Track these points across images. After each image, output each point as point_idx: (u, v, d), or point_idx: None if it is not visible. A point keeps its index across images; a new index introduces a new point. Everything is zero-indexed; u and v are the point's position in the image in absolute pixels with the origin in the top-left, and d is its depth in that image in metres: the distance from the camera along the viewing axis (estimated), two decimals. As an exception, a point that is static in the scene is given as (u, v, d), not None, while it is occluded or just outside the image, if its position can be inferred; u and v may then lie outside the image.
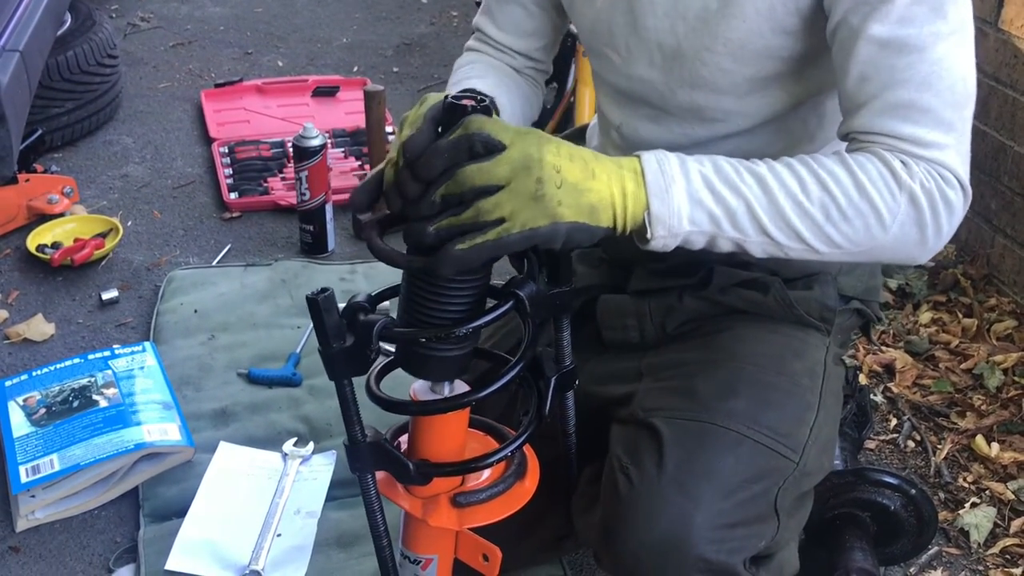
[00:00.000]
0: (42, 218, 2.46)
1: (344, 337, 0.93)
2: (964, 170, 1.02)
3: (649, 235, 0.95)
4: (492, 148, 0.88)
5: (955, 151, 1.00)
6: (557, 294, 1.01)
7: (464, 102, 0.90)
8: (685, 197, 0.94)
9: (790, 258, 1.02)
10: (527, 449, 1.09)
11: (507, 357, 1.06)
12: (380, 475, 1.05)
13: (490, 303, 0.98)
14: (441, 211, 0.89)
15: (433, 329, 0.95)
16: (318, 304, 0.91)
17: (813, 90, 1.15)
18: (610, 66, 1.23)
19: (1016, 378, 2.05)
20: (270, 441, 1.83)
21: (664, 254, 1.00)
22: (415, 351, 0.98)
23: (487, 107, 0.91)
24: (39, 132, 2.55)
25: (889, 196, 0.97)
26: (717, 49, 1.10)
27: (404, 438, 1.09)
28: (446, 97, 0.92)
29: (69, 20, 2.87)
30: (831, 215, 0.97)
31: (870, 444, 1.93)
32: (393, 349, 1.02)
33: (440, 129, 0.91)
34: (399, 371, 1.04)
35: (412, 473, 1.00)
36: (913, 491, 1.53)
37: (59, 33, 2.71)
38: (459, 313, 0.95)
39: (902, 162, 0.98)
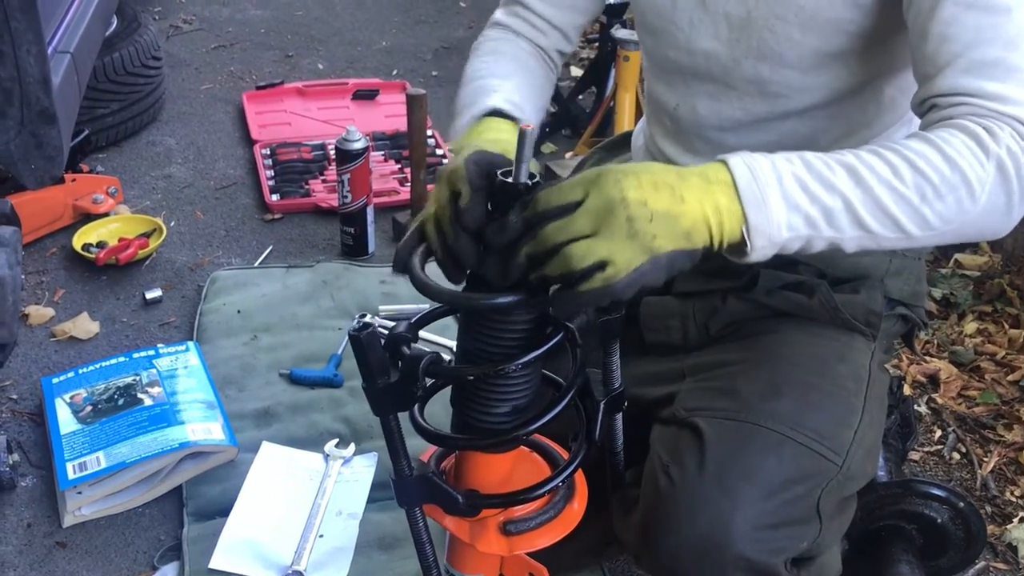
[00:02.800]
0: (87, 218, 2.49)
1: (388, 372, 0.90)
2: None
3: (748, 248, 0.90)
4: (567, 212, 0.85)
5: None
6: (606, 322, 0.99)
7: (515, 178, 0.87)
8: (781, 202, 0.90)
9: (881, 248, 0.98)
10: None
11: (557, 380, 1.03)
12: None
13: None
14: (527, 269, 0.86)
15: (483, 367, 0.93)
16: (361, 341, 0.87)
17: (875, 73, 1.14)
18: (669, 43, 1.22)
19: (1065, 391, 2.02)
20: (312, 442, 1.84)
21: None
22: (467, 422, 0.97)
23: (539, 184, 0.88)
24: (85, 132, 2.59)
25: (978, 166, 0.93)
26: (788, 18, 1.09)
27: (450, 460, 1.07)
28: (496, 173, 0.89)
29: (115, 22, 2.91)
30: (926, 196, 0.93)
31: (914, 456, 1.91)
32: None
33: (490, 205, 0.89)
34: (443, 394, 1.02)
35: (461, 506, 0.98)
36: (962, 504, 1.50)
37: (105, 35, 2.74)
38: (510, 350, 0.92)
39: (985, 128, 0.94)
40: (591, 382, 1.03)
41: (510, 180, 0.87)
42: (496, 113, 1.12)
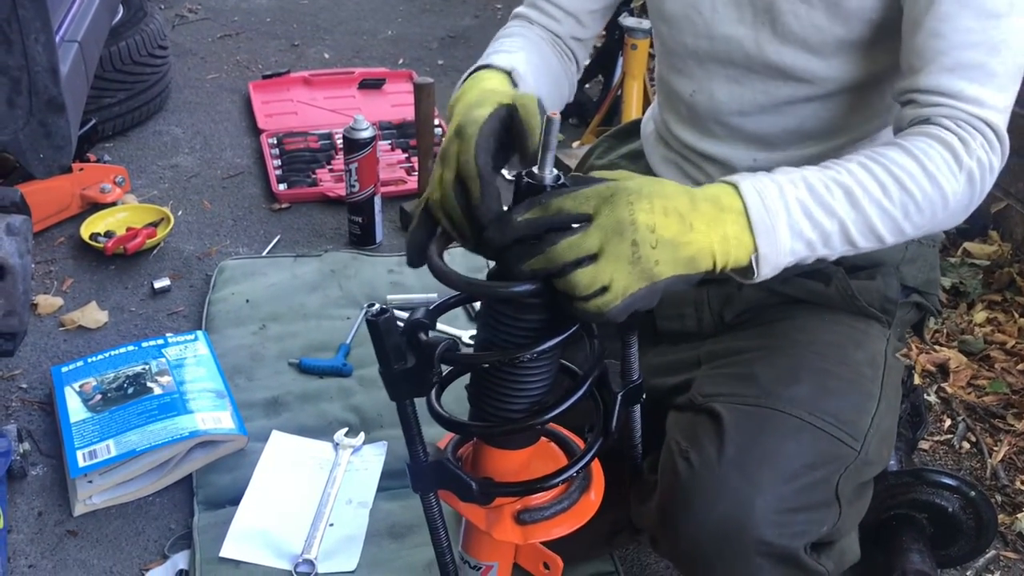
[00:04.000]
0: (95, 207, 2.49)
1: (405, 358, 0.90)
2: (1006, 135, 1.04)
3: (756, 275, 0.93)
4: (576, 222, 0.85)
5: (1005, 117, 1.04)
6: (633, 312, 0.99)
7: (541, 176, 0.87)
8: (787, 231, 0.93)
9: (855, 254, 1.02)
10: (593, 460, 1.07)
11: (573, 368, 1.03)
12: None
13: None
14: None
15: (498, 353, 0.93)
16: (378, 326, 0.88)
17: (895, 63, 1.14)
18: (688, 29, 1.22)
19: (1075, 380, 2.02)
20: (321, 431, 1.84)
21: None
22: (487, 413, 0.96)
23: (564, 185, 0.88)
24: (93, 122, 2.58)
25: (953, 179, 0.99)
26: (814, 3, 1.10)
27: (467, 448, 1.06)
28: (519, 174, 0.89)
29: (121, 11, 2.90)
30: (909, 212, 0.98)
31: (924, 445, 1.91)
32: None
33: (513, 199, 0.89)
34: (460, 381, 1.02)
35: (475, 493, 0.98)
36: (972, 493, 1.50)
37: (112, 24, 2.74)
38: (528, 339, 0.92)
39: (960, 139, 1.00)
40: (609, 373, 1.03)
41: (535, 179, 0.87)
42: (488, 68, 1.11)
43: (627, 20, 2.78)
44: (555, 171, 0.88)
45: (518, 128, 0.92)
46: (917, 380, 2.04)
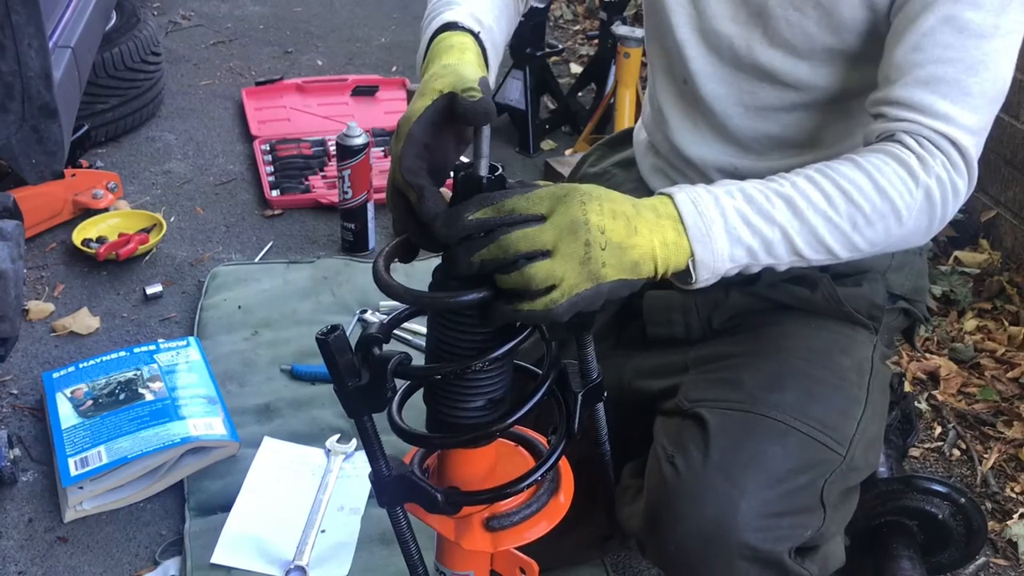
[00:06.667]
0: (87, 213, 2.49)
1: (359, 374, 0.90)
2: (977, 160, 1.04)
3: (694, 279, 0.95)
4: (530, 223, 0.85)
5: (978, 140, 1.03)
6: (578, 313, 1.00)
7: (479, 172, 0.87)
8: (725, 236, 0.94)
9: (808, 267, 1.03)
10: (561, 461, 1.06)
11: (534, 370, 1.03)
12: None
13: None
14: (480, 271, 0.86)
15: (450, 364, 0.92)
16: (329, 346, 0.87)
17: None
18: (684, 22, 1.22)
19: (1064, 388, 2.03)
20: (313, 437, 1.84)
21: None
22: (441, 419, 0.96)
23: (501, 177, 0.88)
24: (86, 128, 2.58)
25: (907, 193, 0.99)
26: (806, 11, 1.11)
27: (433, 459, 1.06)
28: (456, 167, 0.88)
29: (114, 18, 2.90)
30: (858, 224, 0.99)
31: (914, 452, 1.91)
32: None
33: (453, 196, 0.89)
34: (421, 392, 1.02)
35: (441, 504, 0.97)
36: (963, 500, 1.51)
37: (105, 30, 2.74)
38: (479, 345, 0.91)
39: (919, 157, 1.00)
40: (569, 374, 1.02)
41: (470, 171, 0.88)
42: (451, 27, 1.07)
43: (620, 29, 2.79)
44: (491, 164, 0.88)
45: (458, 116, 0.89)
46: (908, 388, 2.05)
